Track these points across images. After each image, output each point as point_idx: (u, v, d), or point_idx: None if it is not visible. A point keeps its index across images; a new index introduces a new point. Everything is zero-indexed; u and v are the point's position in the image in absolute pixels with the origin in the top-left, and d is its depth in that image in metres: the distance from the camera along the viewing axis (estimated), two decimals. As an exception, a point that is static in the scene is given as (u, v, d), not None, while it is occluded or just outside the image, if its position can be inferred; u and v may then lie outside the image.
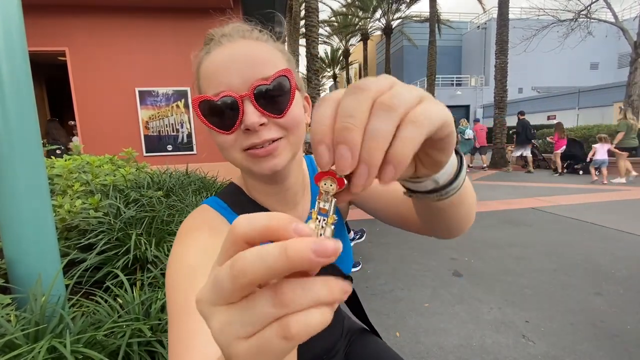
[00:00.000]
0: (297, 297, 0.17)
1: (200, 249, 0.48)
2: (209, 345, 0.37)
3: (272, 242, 0.18)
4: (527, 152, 9.97)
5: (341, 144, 0.20)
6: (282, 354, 0.17)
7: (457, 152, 0.35)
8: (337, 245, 0.17)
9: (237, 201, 0.60)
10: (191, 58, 0.54)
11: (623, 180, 7.33)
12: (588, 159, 7.94)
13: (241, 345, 0.17)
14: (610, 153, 7.40)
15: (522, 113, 10.04)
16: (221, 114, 0.46)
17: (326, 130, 0.20)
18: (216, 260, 0.20)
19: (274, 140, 0.49)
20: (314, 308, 0.17)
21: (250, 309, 0.17)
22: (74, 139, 6.11)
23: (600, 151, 7.39)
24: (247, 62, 0.46)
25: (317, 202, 0.22)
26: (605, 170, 7.32)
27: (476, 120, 11.42)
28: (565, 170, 9.19)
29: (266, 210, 0.59)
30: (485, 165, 10.72)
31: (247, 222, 0.18)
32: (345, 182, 0.22)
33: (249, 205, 0.59)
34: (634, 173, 7.41)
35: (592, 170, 7.57)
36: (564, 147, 9.04)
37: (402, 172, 0.21)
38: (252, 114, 0.45)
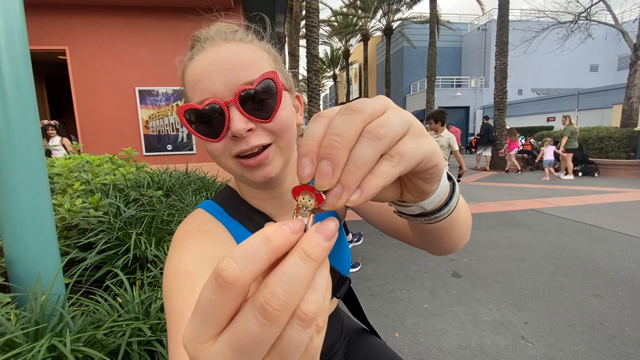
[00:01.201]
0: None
1: (195, 253, 0.48)
2: None
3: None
4: (487, 153, 11.34)
5: (325, 159, 0.20)
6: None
7: (450, 178, 0.35)
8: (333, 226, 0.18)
9: (232, 205, 0.59)
10: (176, 64, 0.53)
11: (571, 177, 8.66)
12: (537, 160, 9.42)
13: None
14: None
15: (486, 117, 11.60)
16: (208, 122, 0.45)
17: (313, 145, 0.21)
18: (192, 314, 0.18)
19: (264, 147, 0.48)
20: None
21: (241, 330, 0.16)
22: (54, 140, 5.65)
23: (547, 153, 8.85)
24: (230, 67, 0.45)
25: (294, 215, 0.21)
26: (552, 169, 8.79)
27: (450, 124, 11.54)
28: (519, 171, 10.26)
29: (262, 213, 0.59)
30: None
31: (252, 265, 0.16)
32: (324, 197, 0.21)
33: (245, 209, 0.59)
34: (571, 176, 8.83)
35: (546, 170, 8.85)
36: (517, 149, 10.57)
37: (369, 199, 0.21)
38: (238, 121, 0.44)
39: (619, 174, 8.81)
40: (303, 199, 0.21)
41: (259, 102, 0.45)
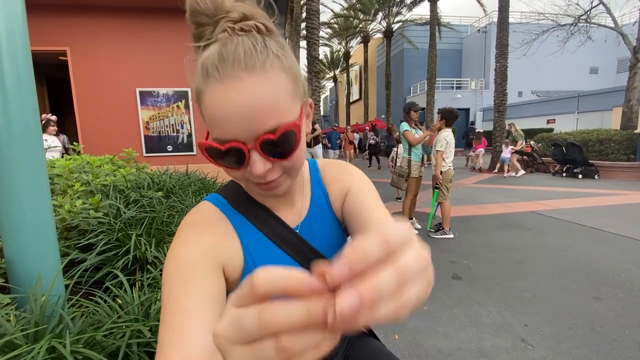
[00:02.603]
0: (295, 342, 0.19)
1: (196, 247, 0.51)
2: (192, 347, 0.41)
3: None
4: (470, 153, 12.60)
5: (366, 299, 0.19)
6: None
7: None
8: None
9: (237, 199, 0.61)
10: (184, 63, 0.50)
11: (523, 172, 10.16)
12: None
13: None
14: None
15: (472, 123, 13.22)
16: (228, 157, 0.47)
17: (361, 268, 0.20)
18: (233, 301, 0.22)
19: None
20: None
21: (263, 349, 0.20)
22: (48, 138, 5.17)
23: (505, 152, 10.29)
24: (252, 113, 0.44)
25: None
26: (507, 167, 10.22)
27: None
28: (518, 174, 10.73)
29: (265, 208, 0.60)
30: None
31: (267, 281, 0.20)
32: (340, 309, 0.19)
33: (249, 203, 0.60)
34: (522, 172, 10.14)
35: (506, 167, 10.29)
36: (482, 149, 11.78)
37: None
38: (258, 164, 0.46)
39: (619, 176, 8.81)
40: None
41: (279, 146, 0.46)
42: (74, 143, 3.18)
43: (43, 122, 5.01)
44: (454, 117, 4.04)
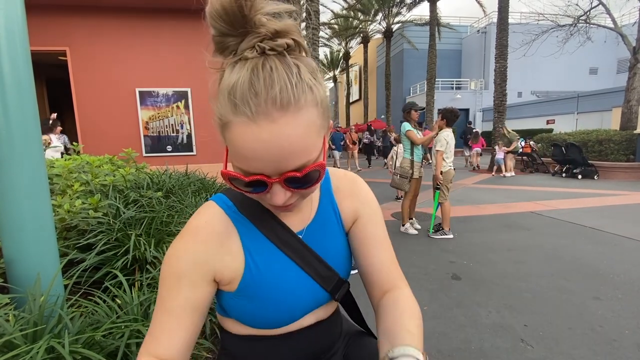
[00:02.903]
0: None
1: (191, 258, 0.54)
2: (169, 341, 0.51)
3: None
4: (467, 153, 12.89)
5: None
6: None
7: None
8: None
9: (244, 202, 0.61)
10: (209, 86, 0.47)
11: (512, 174, 10.41)
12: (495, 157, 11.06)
13: None
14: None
15: (469, 122, 13.35)
16: (249, 186, 0.48)
17: None
18: None
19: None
20: None
21: None
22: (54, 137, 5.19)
23: (499, 153, 10.60)
24: (281, 155, 0.43)
25: None
26: (503, 167, 10.51)
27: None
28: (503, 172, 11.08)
29: (272, 214, 0.61)
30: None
31: None
32: None
33: (257, 208, 0.60)
34: (511, 173, 10.51)
35: (503, 168, 10.56)
36: (478, 148, 12.07)
37: None
38: (280, 194, 0.47)
39: (619, 176, 8.82)
40: None
41: (301, 181, 0.47)
42: (74, 143, 3.18)
43: (51, 121, 4.98)
44: (455, 116, 4.03)
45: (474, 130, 12.55)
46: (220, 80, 0.44)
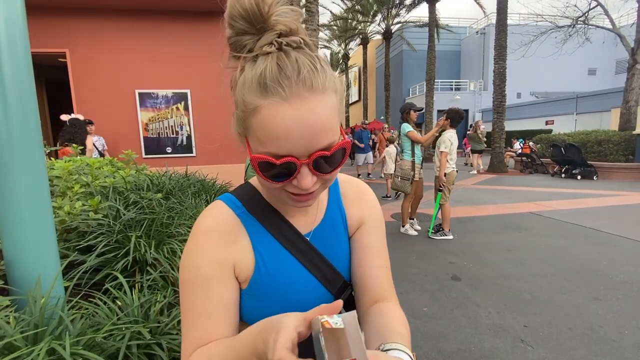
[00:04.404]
0: None
1: (214, 258, 0.54)
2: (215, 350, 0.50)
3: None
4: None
5: None
6: None
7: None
8: None
9: (253, 203, 0.61)
10: (224, 66, 0.51)
11: (475, 172, 11.31)
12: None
13: None
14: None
15: (471, 126, 13.86)
16: (277, 171, 0.48)
17: None
18: None
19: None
20: None
21: None
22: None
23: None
24: (312, 132, 0.45)
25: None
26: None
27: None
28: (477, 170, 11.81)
29: (278, 213, 0.62)
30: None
31: None
32: None
33: (266, 209, 0.61)
34: (474, 171, 11.46)
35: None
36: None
37: None
38: (307, 178, 0.48)
39: (618, 177, 8.84)
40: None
41: (327, 162, 0.49)
42: (75, 146, 3.16)
43: (86, 121, 4.65)
44: (460, 118, 4.03)
45: (468, 132, 12.96)
46: (241, 75, 0.47)
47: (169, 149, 5.85)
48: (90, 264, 1.37)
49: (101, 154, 4.91)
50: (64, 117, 4.50)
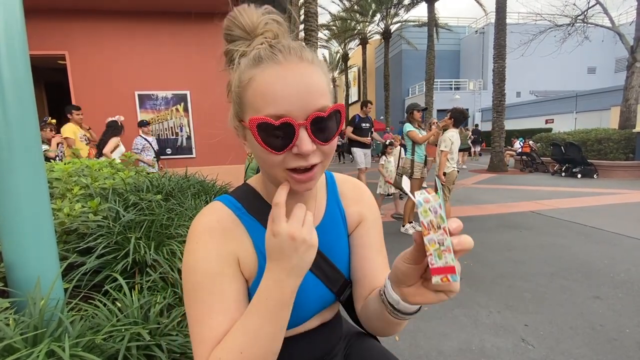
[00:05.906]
0: None
1: (219, 254, 0.54)
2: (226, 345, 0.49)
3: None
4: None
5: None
6: None
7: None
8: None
9: (251, 203, 0.61)
10: (222, 53, 0.57)
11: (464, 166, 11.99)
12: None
13: None
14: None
15: (476, 125, 14.76)
16: (276, 136, 0.48)
17: None
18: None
19: (313, 165, 0.52)
20: None
21: None
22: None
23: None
24: (307, 92, 0.48)
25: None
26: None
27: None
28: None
29: None
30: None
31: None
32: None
33: (265, 209, 0.61)
34: (464, 166, 12.02)
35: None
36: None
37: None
38: (307, 141, 0.48)
39: (618, 175, 8.83)
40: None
41: (324, 127, 0.50)
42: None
43: (120, 123, 4.60)
44: (464, 118, 4.03)
45: (464, 130, 13.28)
46: (236, 69, 0.52)
47: (168, 150, 5.86)
48: (89, 266, 1.37)
49: (156, 154, 5.02)
50: (109, 119, 4.60)
